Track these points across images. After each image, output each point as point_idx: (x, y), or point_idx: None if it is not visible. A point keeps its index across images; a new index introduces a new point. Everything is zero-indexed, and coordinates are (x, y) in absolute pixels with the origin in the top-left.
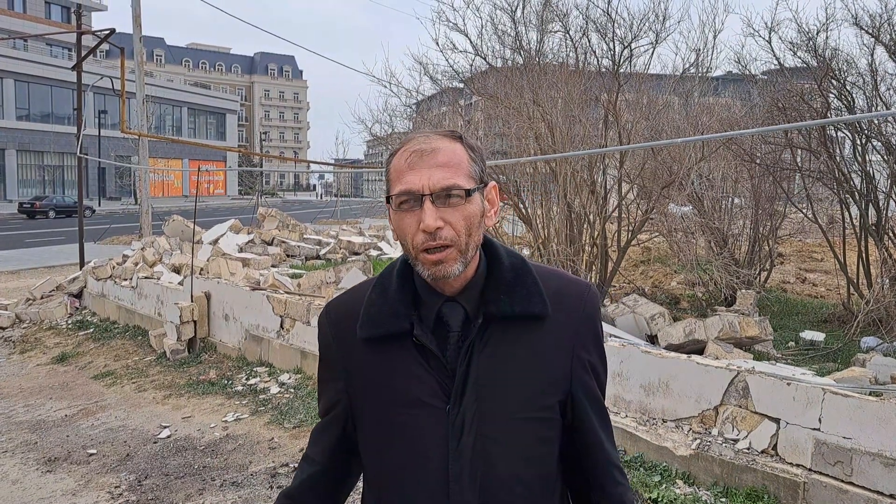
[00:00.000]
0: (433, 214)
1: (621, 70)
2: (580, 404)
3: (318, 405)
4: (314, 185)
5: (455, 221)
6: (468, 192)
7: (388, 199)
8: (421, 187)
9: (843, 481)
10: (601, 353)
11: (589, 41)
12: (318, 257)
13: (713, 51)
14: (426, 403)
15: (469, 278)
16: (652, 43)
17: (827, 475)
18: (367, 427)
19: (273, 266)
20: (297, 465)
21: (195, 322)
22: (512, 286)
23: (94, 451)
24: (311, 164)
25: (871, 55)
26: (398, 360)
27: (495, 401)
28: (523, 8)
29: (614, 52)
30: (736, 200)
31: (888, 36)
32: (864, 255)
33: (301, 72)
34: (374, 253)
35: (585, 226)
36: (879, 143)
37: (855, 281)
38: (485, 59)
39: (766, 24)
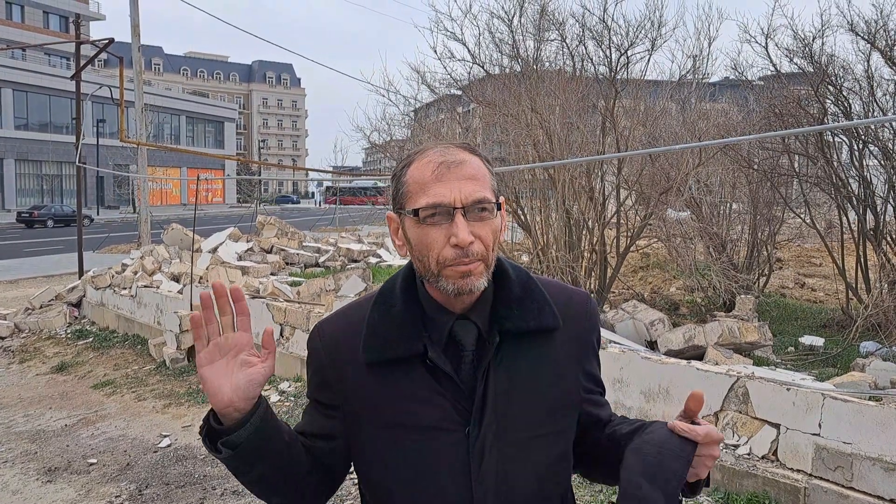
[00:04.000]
0: (466, 229)
1: (618, 77)
2: (588, 412)
3: (304, 420)
4: (312, 193)
5: (484, 235)
6: (498, 206)
7: (414, 211)
8: (453, 200)
9: (843, 486)
10: (599, 360)
11: (586, 48)
12: (317, 265)
13: (709, 57)
14: (442, 428)
15: (479, 294)
16: (648, 50)
17: (827, 480)
18: (370, 456)
19: (272, 274)
20: None
21: None
22: (522, 300)
23: (94, 460)
24: (309, 172)
25: (867, 61)
26: (408, 385)
27: (515, 420)
28: (520, 16)
29: (611, 59)
30: (734, 206)
31: (884, 42)
32: (862, 259)
33: (299, 80)
34: (373, 260)
35: (584, 232)
36: (876, 149)
37: (853, 286)
38: (482, 66)
39: (762, 30)
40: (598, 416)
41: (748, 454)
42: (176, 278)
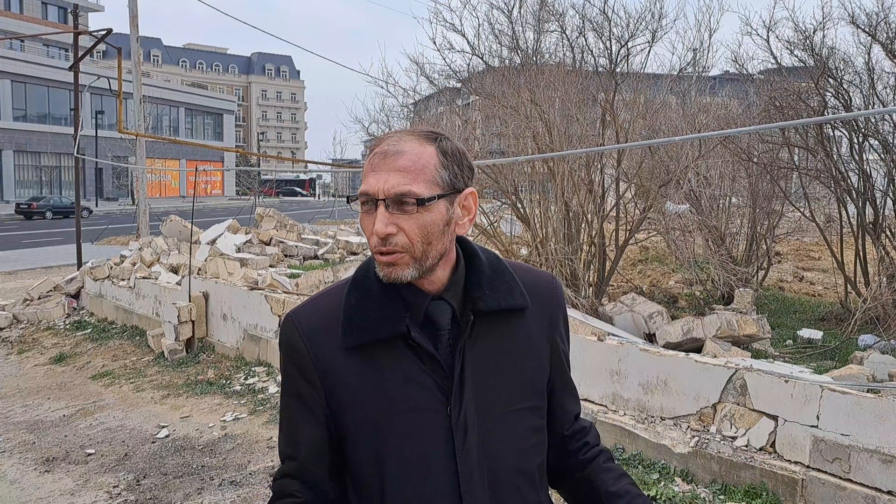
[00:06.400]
0: (384, 220)
1: (618, 69)
2: (557, 386)
3: (289, 428)
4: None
5: (409, 229)
6: (421, 201)
7: (348, 198)
8: (376, 191)
9: (841, 478)
10: (568, 336)
11: (586, 40)
12: (315, 257)
13: (709, 50)
14: (426, 407)
15: (450, 276)
16: (648, 42)
17: (825, 472)
18: (358, 442)
19: (271, 266)
20: None
21: (193, 322)
22: (493, 281)
23: (92, 450)
24: (308, 165)
25: (868, 54)
26: (391, 366)
27: (492, 395)
28: (520, 7)
29: (611, 51)
30: (733, 199)
31: (885, 34)
32: (861, 253)
33: (298, 72)
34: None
35: (583, 225)
36: (876, 142)
37: (852, 279)
38: (482, 58)
39: (763, 22)
40: (563, 405)
41: (746, 446)
42: (174, 270)
